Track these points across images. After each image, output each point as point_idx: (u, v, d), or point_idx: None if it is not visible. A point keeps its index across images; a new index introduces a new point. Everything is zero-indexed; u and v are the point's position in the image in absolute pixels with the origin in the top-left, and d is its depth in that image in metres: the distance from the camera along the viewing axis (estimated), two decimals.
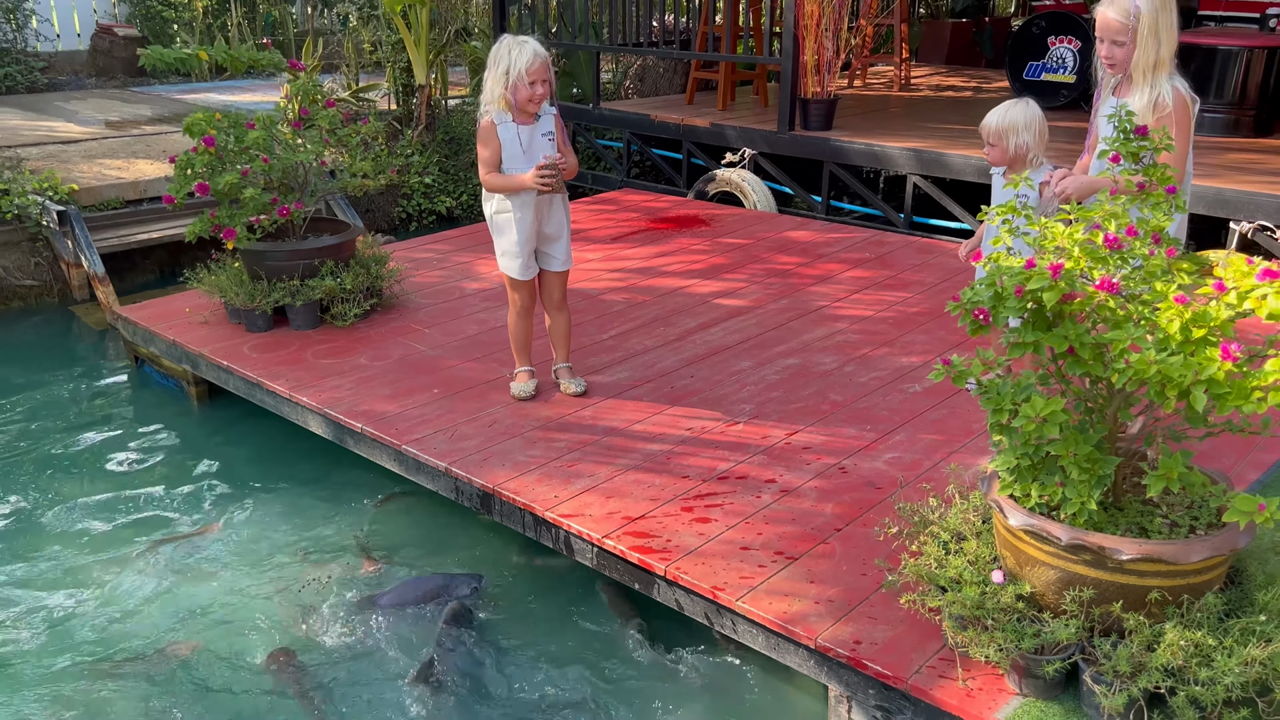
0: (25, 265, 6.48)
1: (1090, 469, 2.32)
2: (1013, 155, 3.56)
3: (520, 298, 4.04)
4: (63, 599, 3.51)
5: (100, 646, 3.29)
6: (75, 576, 3.64)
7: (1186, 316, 2.07)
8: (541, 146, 3.76)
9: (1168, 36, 3.18)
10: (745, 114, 8.21)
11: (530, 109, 3.71)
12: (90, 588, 3.58)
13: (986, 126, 3.60)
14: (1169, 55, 3.20)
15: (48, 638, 3.33)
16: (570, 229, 4.03)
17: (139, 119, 8.85)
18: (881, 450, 3.71)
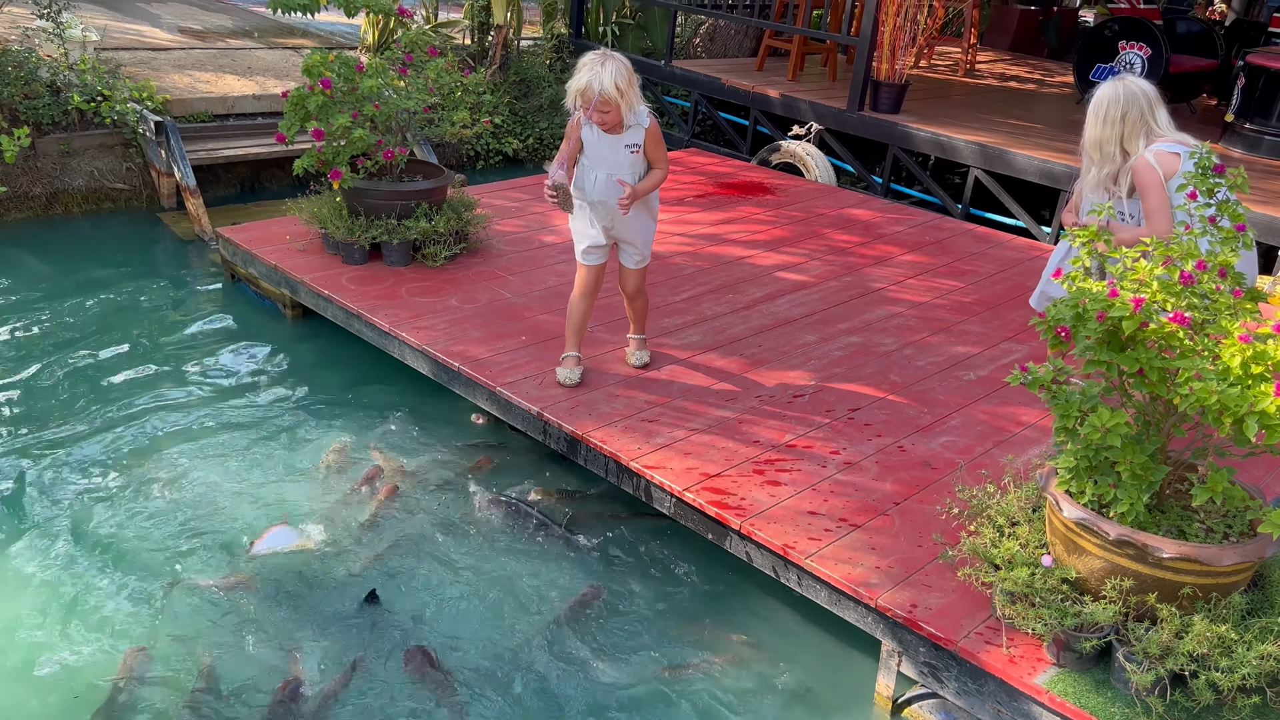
0: (117, 169, 6.79)
1: (1143, 475, 2.64)
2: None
3: (581, 277, 4.12)
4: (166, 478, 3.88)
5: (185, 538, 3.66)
6: (168, 461, 4.01)
7: (1247, 354, 2.37)
8: (619, 156, 3.82)
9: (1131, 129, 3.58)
10: (813, 87, 8.40)
11: (600, 126, 3.76)
12: (186, 475, 3.95)
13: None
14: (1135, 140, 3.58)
15: (137, 520, 3.70)
16: (653, 232, 4.11)
17: (220, 30, 9.08)
18: (938, 433, 4.02)
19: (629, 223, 4.00)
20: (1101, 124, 3.59)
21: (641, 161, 3.91)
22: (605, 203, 3.92)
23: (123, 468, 4.00)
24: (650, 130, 3.87)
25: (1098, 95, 3.66)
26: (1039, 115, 8.06)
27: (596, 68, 3.66)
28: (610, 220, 3.99)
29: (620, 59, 3.72)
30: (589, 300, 4.19)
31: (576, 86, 3.70)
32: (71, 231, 6.34)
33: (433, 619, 3.37)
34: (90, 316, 5.23)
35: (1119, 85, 3.62)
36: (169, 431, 4.27)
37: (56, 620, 3.23)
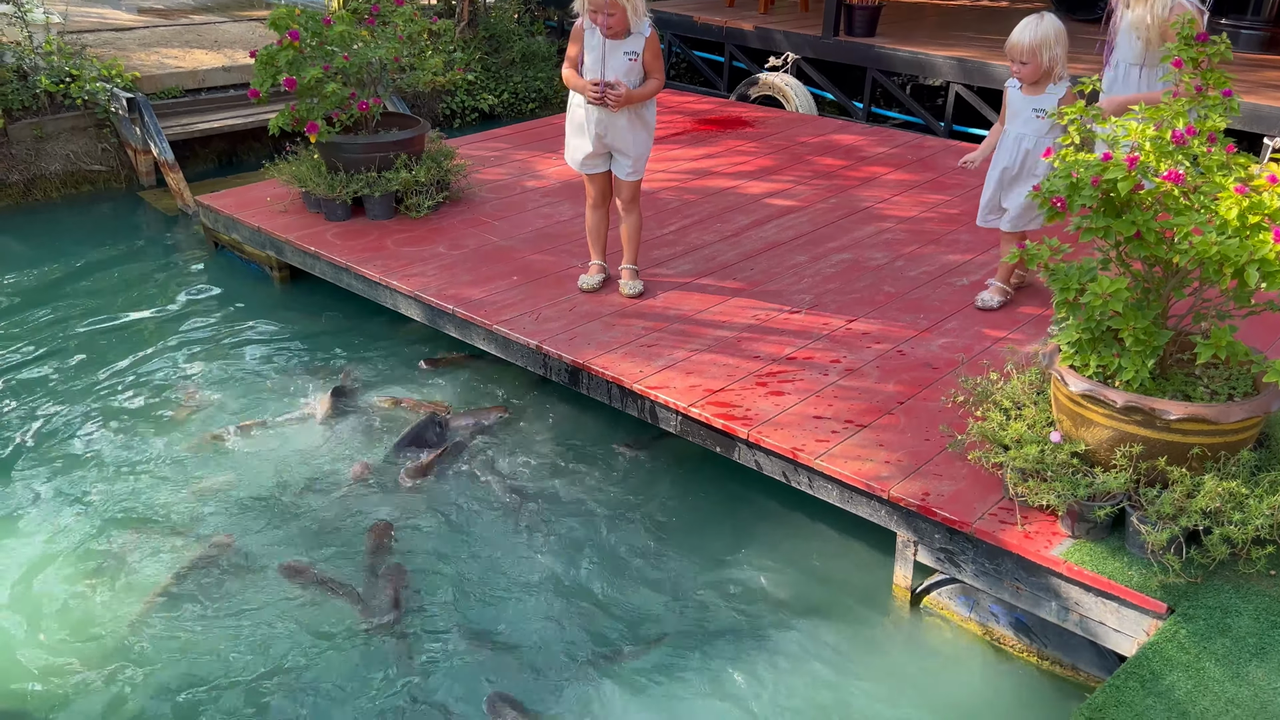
0: (93, 151, 6.71)
1: (1146, 340, 2.64)
2: (1046, 69, 3.72)
3: (588, 190, 4.27)
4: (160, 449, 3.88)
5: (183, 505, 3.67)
6: (174, 428, 4.00)
7: (1244, 205, 2.36)
8: (618, 62, 3.87)
9: None
10: (787, 18, 8.32)
11: (603, 30, 3.82)
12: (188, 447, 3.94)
13: (1018, 45, 3.71)
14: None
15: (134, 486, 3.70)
16: (648, 146, 4.13)
17: (183, 7, 8.96)
18: (935, 336, 4.03)
19: (620, 130, 4.03)
20: None
21: (638, 70, 3.95)
22: (600, 109, 3.97)
23: (119, 437, 3.99)
24: (649, 39, 3.92)
25: None
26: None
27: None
28: (604, 127, 4.01)
29: None
30: (599, 211, 4.33)
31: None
32: (52, 216, 6.27)
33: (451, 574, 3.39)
34: (76, 296, 5.19)
35: None
36: (159, 401, 4.25)
37: (72, 578, 3.23)
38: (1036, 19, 3.72)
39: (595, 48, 3.90)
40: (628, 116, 4.00)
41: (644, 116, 4.08)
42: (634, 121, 4.04)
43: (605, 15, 3.77)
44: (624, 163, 4.14)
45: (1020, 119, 3.86)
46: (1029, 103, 3.82)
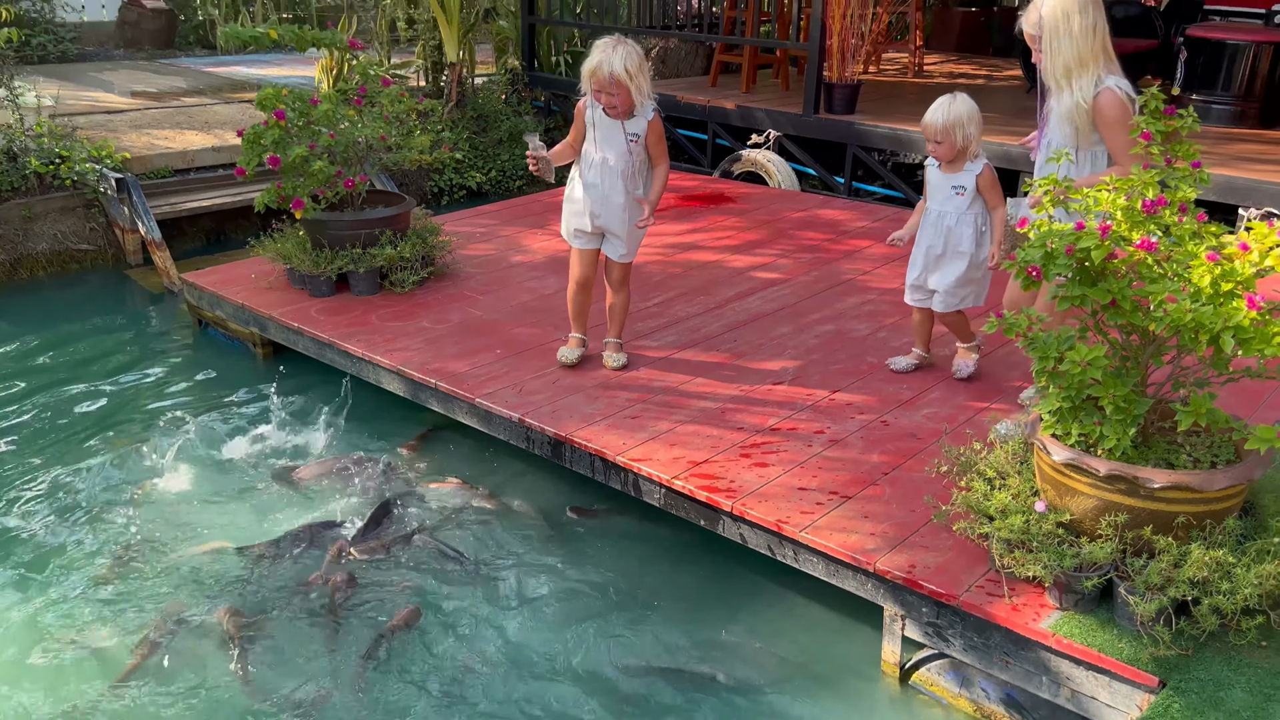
0: (81, 230, 6.75)
1: (1126, 409, 2.64)
2: (960, 147, 3.75)
3: (573, 267, 4.22)
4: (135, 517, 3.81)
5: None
6: (156, 498, 3.95)
7: (1216, 272, 2.38)
8: (619, 142, 3.89)
9: (1085, 40, 3.20)
10: (768, 97, 8.49)
11: (605, 110, 3.84)
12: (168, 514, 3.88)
13: (932, 125, 3.73)
14: (1091, 58, 3.21)
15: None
16: (642, 232, 4.12)
17: (175, 90, 9.09)
18: (920, 406, 4.02)
19: (616, 211, 4.03)
20: (1079, 36, 3.19)
21: (640, 152, 3.96)
22: (598, 187, 3.99)
23: (96, 516, 3.93)
24: (653, 122, 3.93)
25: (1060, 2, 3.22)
26: (990, 105, 8.13)
27: (608, 50, 3.72)
28: (600, 207, 4.03)
29: (633, 45, 3.80)
30: (584, 292, 4.29)
31: (588, 67, 3.79)
32: (38, 295, 6.27)
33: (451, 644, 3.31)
34: (59, 374, 5.16)
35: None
36: (141, 477, 4.20)
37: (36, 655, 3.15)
38: (950, 99, 3.74)
39: (597, 126, 3.92)
40: (625, 199, 4.00)
41: (640, 205, 4.05)
42: (630, 205, 4.03)
43: (608, 95, 3.78)
44: (617, 244, 4.14)
45: (940, 197, 3.88)
46: (948, 180, 3.85)
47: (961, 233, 3.85)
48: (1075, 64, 3.25)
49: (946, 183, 3.85)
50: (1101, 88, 3.26)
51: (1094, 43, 3.24)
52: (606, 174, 3.96)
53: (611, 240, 4.15)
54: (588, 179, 4.02)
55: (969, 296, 3.98)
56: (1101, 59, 3.27)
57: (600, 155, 3.95)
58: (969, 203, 3.81)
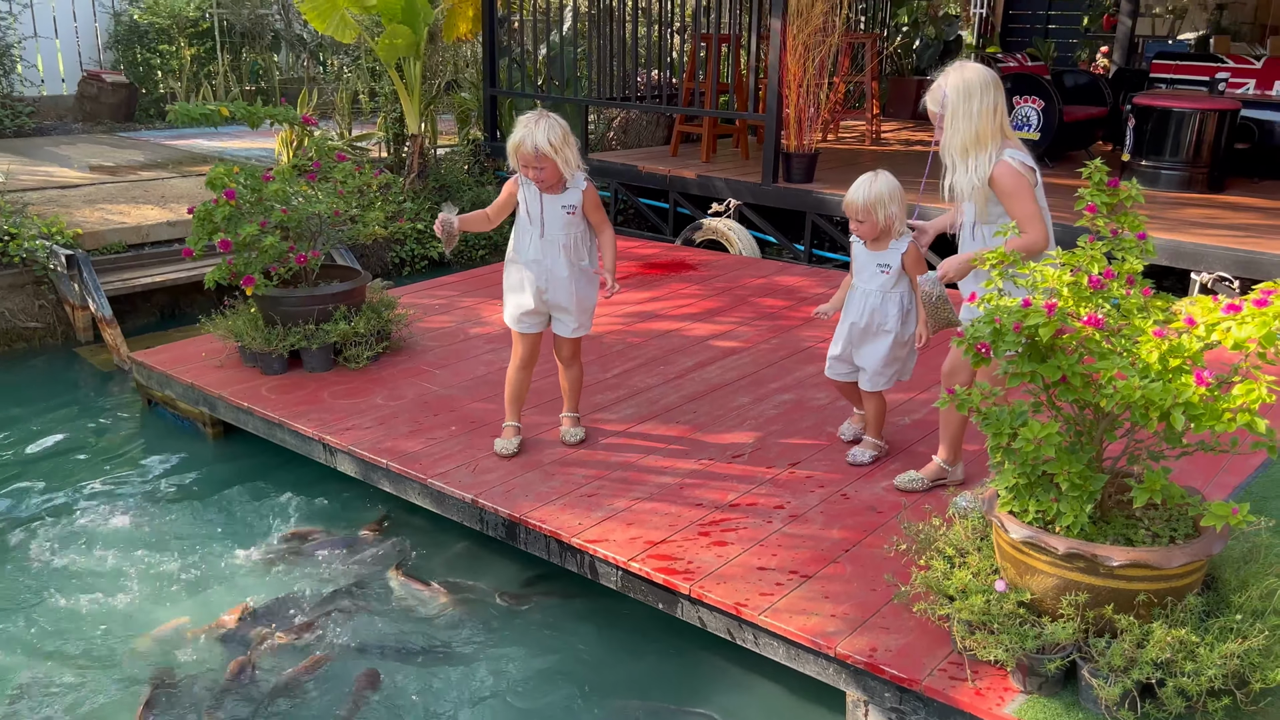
0: (30, 308, 6.62)
1: (1082, 485, 2.60)
2: (882, 227, 3.73)
3: (516, 348, 4.13)
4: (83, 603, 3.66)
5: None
6: (110, 580, 3.79)
7: (1164, 348, 2.37)
8: (556, 216, 3.85)
9: (984, 120, 3.25)
10: (728, 166, 8.57)
11: (536, 184, 3.81)
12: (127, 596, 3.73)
13: (853, 204, 3.72)
14: (989, 135, 3.25)
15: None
16: (593, 301, 4.06)
17: (133, 164, 9.03)
18: (879, 478, 3.97)
19: (562, 284, 3.95)
20: (979, 115, 3.23)
21: (579, 223, 3.93)
22: (540, 263, 3.92)
23: (32, 602, 3.77)
24: (587, 193, 3.90)
25: (963, 80, 3.26)
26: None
27: (531, 125, 3.71)
28: (546, 282, 3.95)
29: (556, 118, 3.77)
30: (526, 372, 4.17)
31: (512, 143, 3.76)
32: None
33: None
34: (1, 456, 5.01)
35: (978, 67, 3.32)
36: (79, 565, 4.04)
37: None
38: (871, 178, 3.72)
39: (532, 201, 3.90)
40: (570, 271, 3.94)
41: (587, 270, 4.02)
42: (577, 277, 3.98)
43: (535, 170, 3.77)
44: (567, 320, 4.05)
45: (866, 274, 3.85)
46: (873, 258, 3.83)
47: (887, 310, 3.82)
48: (973, 142, 3.29)
49: (872, 260, 3.82)
50: (998, 160, 3.29)
51: (993, 123, 3.28)
52: (548, 249, 3.90)
53: (560, 317, 4.06)
54: (529, 257, 3.93)
55: (895, 374, 3.93)
56: (999, 137, 3.31)
57: (538, 232, 3.90)
58: (894, 280, 3.79)
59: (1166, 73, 9.29)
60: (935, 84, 3.37)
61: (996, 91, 3.31)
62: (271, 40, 12.47)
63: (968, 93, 3.28)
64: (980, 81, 3.29)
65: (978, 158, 3.30)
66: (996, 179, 3.29)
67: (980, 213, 3.39)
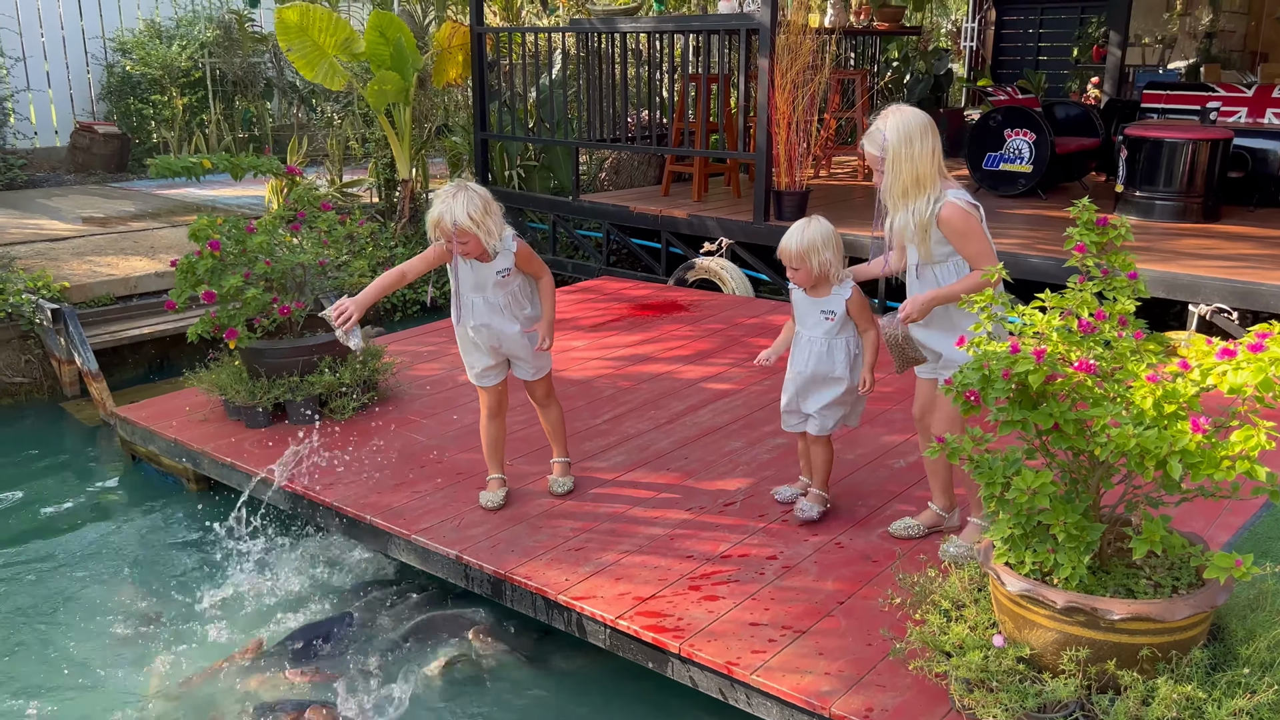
0: (15, 363, 6.56)
1: (1079, 536, 2.51)
2: (818, 274, 3.61)
3: (483, 400, 4.06)
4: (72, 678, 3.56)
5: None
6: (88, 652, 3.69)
7: (1158, 393, 2.28)
8: (491, 281, 3.75)
9: (924, 163, 3.20)
10: (720, 205, 8.54)
11: (462, 255, 3.68)
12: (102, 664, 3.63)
13: (786, 251, 3.61)
14: (929, 178, 3.21)
15: None
16: (544, 347, 3.91)
17: (123, 215, 9.01)
18: (874, 525, 3.87)
19: (513, 339, 3.88)
20: (919, 158, 3.18)
21: (515, 281, 3.82)
22: (488, 326, 3.84)
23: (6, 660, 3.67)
24: (519, 252, 3.77)
25: (902, 123, 3.20)
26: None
27: (449, 199, 3.56)
28: (496, 339, 3.88)
29: (476, 189, 3.62)
30: (497, 421, 4.10)
31: (431, 219, 3.60)
32: None
33: None
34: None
35: (916, 111, 3.26)
36: (56, 623, 3.94)
37: None
38: (804, 224, 3.62)
39: (462, 271, 3.77)
40: (518, 325, 3.86)
41: (531, 318, 3.91)
42: (522, 325, 3.89)
43: (459, 244, 3.61)
44: (524, 367, 3.98)
45: (810, 321, 3.73)
46: (815, 305, 3.69)
47: (834, 358, 3.68)
48: (913, 185, 3.24)
49: (815, 307, 3.69)
50: (942, 202, 3.24)
51: (932, 165, 3.24)
52: (492, 312, 3.81)
53: (519, 364, 3.99)
54: (476, 321, 3.83)
55: (843, 418, 3.81)
56: (939, 179, 3.26)
57: (477, 298, 3.80)
58: (839, 326, 3.67)
59: (1158, 103, 9.27)
60: (873, 127, 3.31)
61: (934, 135, 3.26)
62: (264, 88, 12.52)
63: (908, 136, 3.22)
64: (919, 125, 3.23)
65: (918, 200, 3.25)
66: (946, 220, 3.23)
67: (924, 253, 3.33)
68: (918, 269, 3.45)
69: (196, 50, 11.97)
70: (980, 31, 16.86)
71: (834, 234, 3.63)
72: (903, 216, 3.34)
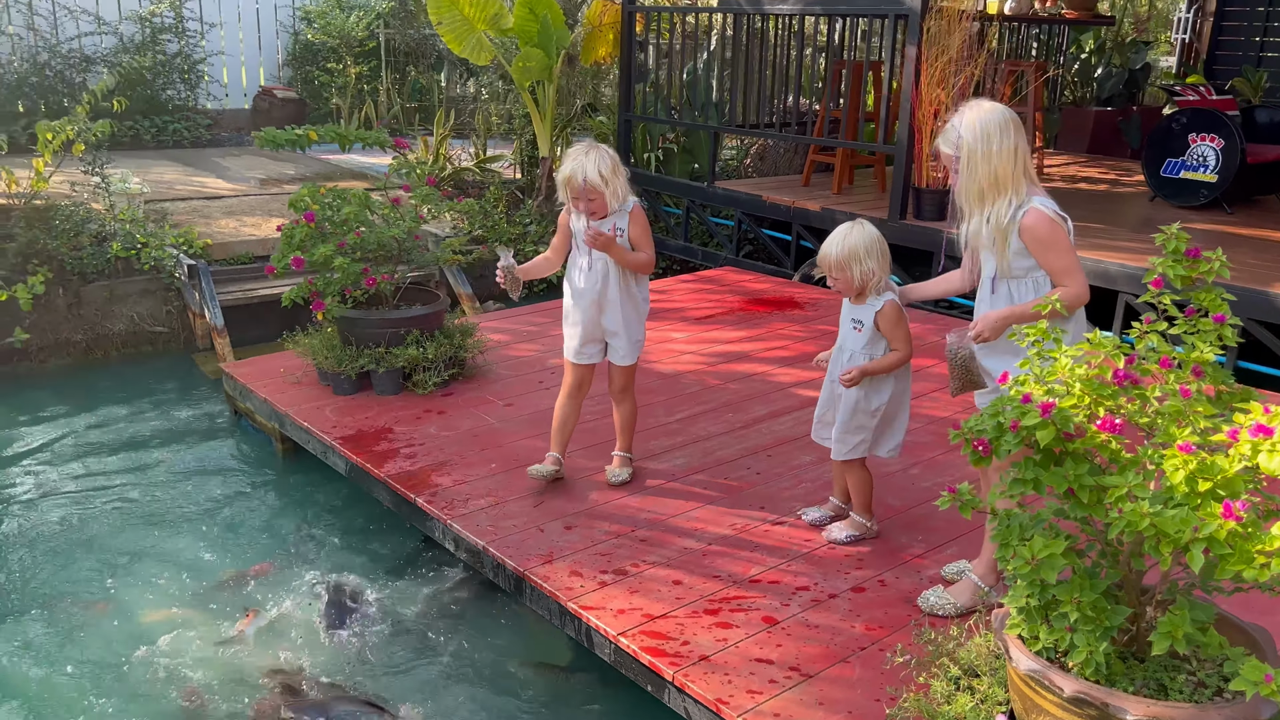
0: (158, 313, 6.97)
1: (1095, 619, 2.16)
2: (859, 284, 3.34)
3: (566, 377, 4.08)
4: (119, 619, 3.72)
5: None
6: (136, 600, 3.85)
7: (1191, 466, 1.91)
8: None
9: (1004, 162, 2.88)
10: (860, 199, 8.13)
11: (586, 215, 3.76)
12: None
13: (826, 259, 3.35)
14: (1009, 180, 2.90)
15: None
16: (640, 326, 3.96)
17: (282, 177, 9.44)
18: (928, 565, 3.54)
19: (615, 310, 3.88)
20: (998, 157, 2.85)
21: (627, 245, 3.83)
22: (594, 287, 3.85)
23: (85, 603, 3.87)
24: (634, 214, 3.80)
25: (979, 119, 2.91)
26: (1104, 215, 7.55)
27: (580, 157, 3.67)
28: (598, 310, 3.89)
29: (605, 149, 3.75)
30: (575, 400, 4.09)
31: (562, 176, 3.72)
32: (102, 375, 6.46)
33: None
34: (90, 456, 5.24)
35: (997, 105, 2.95)
36: (136, 573, 4.14)
37: None
38: (847, 229, 3.34)
39: (580, 228, 3.84)
40: (622, 294, 3.87)
41: (635, 296, 3.93)
42: (625, 300, 3.89)
43: (586, 201, 3.71)
44: (617, 345, 3.96)
45: (844, 329, 3.48)
46: (850, 312, 3.43)
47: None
48: (990, 187, 2.91)
49: (848, 315, 3.46)
50: (1027, 208, 2.90)
51: (1014, 166, 2.90)
52: (597, 276, 3.84)
53: (614, 343, 3.97)
54: (581, 286, 3.90)
55: (861, 444, 3.51)
56: (1022, 183, 2.93)
57: (589, 260, 3.85)
58: (866, 340, 3.39)
59: None
60: (949, 124, 2.99)
61: (1017, 132, 2.92)
62: (435, 60, 12.87)
63: (985, 133, 2.89)
64: (999, 121, 2.90)
65: (995, 204, 2.93)
66: (1029, 227, 2.91)
67: (1002, 266, 2.98)
68: (993, 283, 3.11)
69: (373, 20, 12.42)
70: (1196, 23, 15.38)
71: (879, 241, 3.35)
72: (977, 221, 3.02)
